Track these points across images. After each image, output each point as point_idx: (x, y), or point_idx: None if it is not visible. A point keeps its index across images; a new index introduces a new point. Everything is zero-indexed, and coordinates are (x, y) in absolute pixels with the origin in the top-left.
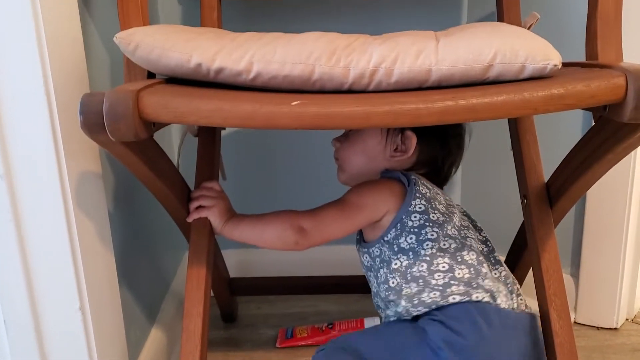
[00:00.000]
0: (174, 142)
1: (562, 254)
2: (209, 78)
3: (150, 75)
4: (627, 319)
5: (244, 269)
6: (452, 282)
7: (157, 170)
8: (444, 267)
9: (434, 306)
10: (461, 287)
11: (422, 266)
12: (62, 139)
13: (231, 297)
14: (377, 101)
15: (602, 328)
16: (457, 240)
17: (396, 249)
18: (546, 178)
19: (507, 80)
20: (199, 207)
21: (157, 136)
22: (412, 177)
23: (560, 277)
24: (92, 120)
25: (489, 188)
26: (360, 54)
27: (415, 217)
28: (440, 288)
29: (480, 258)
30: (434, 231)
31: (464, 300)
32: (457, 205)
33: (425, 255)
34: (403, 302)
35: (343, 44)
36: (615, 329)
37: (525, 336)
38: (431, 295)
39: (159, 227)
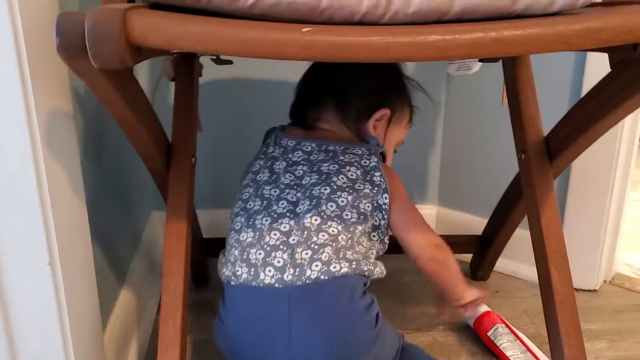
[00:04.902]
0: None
1: None
2: (200, 4)
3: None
4: (604, 281)
5: (216, 230)
6: (235, 244)
7: (137, 111)
8: (237, 226)
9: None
10: (236, 253)
11: (229, 224)
12: (30, 71)
13: (203, 258)
14: (397, 31)
15: (581, 290)
16: (265, 202)
17: None
18: None
19: (535, 15)
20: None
21: None
22: (273, 134)
23: (560, 234)
24: (72, 43)
25: (470, 147)
26: None
27: (248, 176)
28: (228, 248)
29: (279, 222)
30: (248, 191)
31: (229, 279)
32: (328, 152)
33: (232, 213)
34: None
35: None
36: (595, 290)
37: (296, 310)
38: (222, 257)
39: (129, 181)
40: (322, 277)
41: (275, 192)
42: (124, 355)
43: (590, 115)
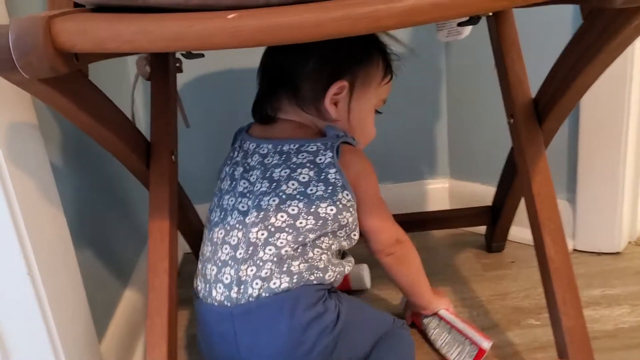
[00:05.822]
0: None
1: (556, 179)
2: (138, 2)
3: (80, 7)
4: (629, 242)
5: None
6: (200, 257)
7: (99, 116)
8: (204, 238)
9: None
10: (199, 266)
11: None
12: None
13: None
14: (329, 6)
15: (603, 253)
16: (223, 213)
17: None
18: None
19: None
20: None
21: (114, 87)
22: (240, 136)
23: (553, 200)
24: (1, 57)
25: (476, 114)
26: None
27: (217, 184)
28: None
29: (230, 235)
30: (214, 201)
31: (195, 292)
32: (289, 154)
33: (207, 222)
34: None
35: None
36: (618, 253)
37: (240, 331)
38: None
39: (130, 181)
40: (263, 294)
41: (231, 201)
42: (129, 355)
43: (570, 70)
